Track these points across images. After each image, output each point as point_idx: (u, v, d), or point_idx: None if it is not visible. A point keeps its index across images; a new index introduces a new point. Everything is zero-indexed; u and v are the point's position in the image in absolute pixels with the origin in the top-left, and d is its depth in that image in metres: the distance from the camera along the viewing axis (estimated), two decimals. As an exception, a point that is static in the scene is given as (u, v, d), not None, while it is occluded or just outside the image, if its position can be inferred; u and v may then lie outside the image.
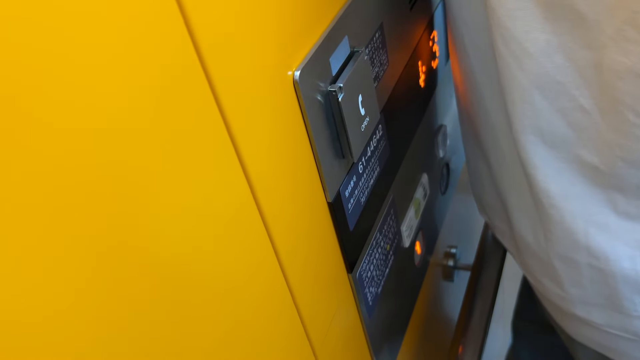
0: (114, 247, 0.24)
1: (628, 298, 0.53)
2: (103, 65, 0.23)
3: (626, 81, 0.41)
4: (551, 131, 0.49)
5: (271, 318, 0.37)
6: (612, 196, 0.49)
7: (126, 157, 0.24)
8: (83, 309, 0.23)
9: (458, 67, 0.60)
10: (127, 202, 0.25)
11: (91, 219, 0.23)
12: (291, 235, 0.38)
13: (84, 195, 0.23)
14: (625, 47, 0.40)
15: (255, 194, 0.34)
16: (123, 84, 0.24)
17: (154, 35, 0.25)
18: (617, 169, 0.47)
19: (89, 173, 0.23)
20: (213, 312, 0.31)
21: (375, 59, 0.48)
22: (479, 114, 0.58)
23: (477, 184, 0.70)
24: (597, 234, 0.51)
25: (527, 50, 0.45)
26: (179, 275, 0.28)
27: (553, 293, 0.59)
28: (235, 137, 0.31)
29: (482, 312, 0.73)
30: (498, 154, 0.58)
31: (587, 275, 0.54)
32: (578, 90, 0.45)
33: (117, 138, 0.24)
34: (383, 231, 0.54)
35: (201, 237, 0.30)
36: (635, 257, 0.50)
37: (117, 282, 0.25)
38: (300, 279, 0.40)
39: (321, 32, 0.39)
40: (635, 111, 0.42)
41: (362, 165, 0.47)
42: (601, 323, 0.57)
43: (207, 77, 0.29)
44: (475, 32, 0.52)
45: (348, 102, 0.41)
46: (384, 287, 0.55)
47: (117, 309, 0.25)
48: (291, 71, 0.36)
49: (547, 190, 0.52)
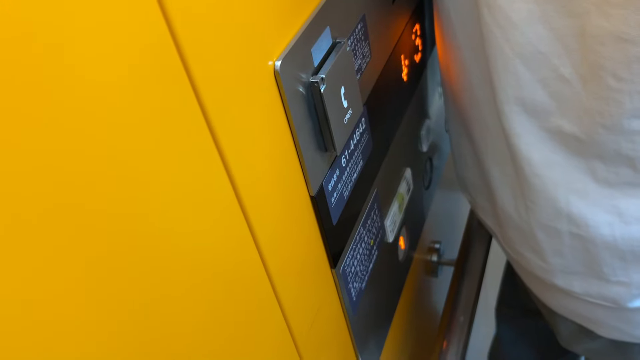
0: (89, 238, 0.23)
1: (608, 263, 0.54)
2: (77, 51, 0.22)
3: (607, 45, 0.42)
4: (533, 101, 0.50)
5: (252, 313, 0.36)
6: (592, 164, 0.50)
7: (101, 146, 0.24)
8: (52, 305, 0.22)
9: (445, 45, 0.60)
10: (102, 192, 0.24)
11: (65, 212, 0.22)
12: (273, 230, 0.37)
13: (58, 188, 0.22)
14: (606, 10, 0.41)
15: (236, 186, 0.33)
16: (96, 74, 0.23)
17: (129, 23, 0.24)
18: (597, 136, 0.48)
19: (64, 163, 0.22)
20: (192, 306, 0.30)
21: (358, 51, 0.47)
22: (464, 88, 0.58)
23: (461, 162, 0.70)
24: (577, 202, 0.52)
25: (512, 20, 0.46)
26: (158, 269, 0.28)
27: (535, 265, 0.60)
28: (214, 128, 0.30)
29: (466, 306, 0.73)
30: (482, 128, 0.59)
31: (568, 243, 0.55)
32: (559, 60, 0.46)
33: (95, 128, 0.23)
34: (367, 226, 0.53)
35: (180, 230, 0.29)
36: (614, 223, 0.52)
37: (92, 275, 0.24)
38: (282, 274, 0.39)
39: (302, 22, 0.38)
40: (616, 75, 0.43)
41: (346, 159, 0.47)
42: (580, 292, 0.58)
43: (184, 66, 0.28)
44: (462, 6, 0.52)
45: (330, 94, 0.40)
46: (368, 283, 0.55)
47: (94, 303, 0.24)
48: (272, 61, 0.35)
49: (529, 158, 0.53)
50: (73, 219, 0.23)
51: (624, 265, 0.53)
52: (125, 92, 0.25)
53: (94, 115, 0.23)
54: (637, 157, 0.47)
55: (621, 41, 0.41)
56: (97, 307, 0.24)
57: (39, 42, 0.21)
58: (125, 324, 0.26)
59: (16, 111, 0.20)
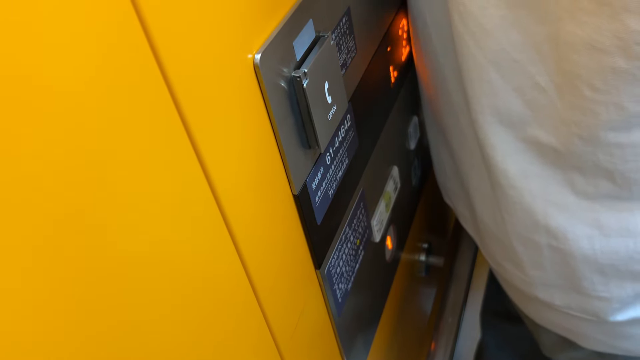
0: (67, 244, 0.22)
1: (587, 278, 0.53)
2: (48, 46, 0.20)
3: (581, 54, 0.40)
4: (508, 110, 0.48)
5: (232, 317, 0.35)
6: (570, 176, 0.49)
7: (74, 146, 0.22)
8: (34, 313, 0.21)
9: (420, 50, 0.58)
10: (78, 196, 0.22)
11: (44, 219, 0.20)
12: (253, 230, 0.36)
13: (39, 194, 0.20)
14: (579, 18, 0.39)
15: (213, 185, 0.31)
16: (61, 66, 0.21)
17: (97, 14, 0.23)
18: (574, 147, 0.46)
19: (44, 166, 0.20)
20: (167, 310, 0.29)
21: (343, 45, 0.46)
22: (441, 96, 0.57)
23: (441, 171, 0.69)
24: (556, 214, 0.51)
25: (484, 27, 0.44)
26: (136, 273, 0.26)
27: (515, 276, 0.59)
28: (189, 124, 0.29)
29: (455, 307, 0.72)
30: (460, 136, 0.57)
31: (547, 256, 0.54)
32: (534, 67, 0.44)
33: (66, 128, 0.21)
34: (353, 225, 0.52)
35: (156, 232, 0.27)
36: (593, 236, 0.50)
37: (68, 282, 0.22)
38: (263, 275, 0.37)
39: (284, 14, 0.37)
40: (591, 85, 0.41)
41: (330, 157, 0.45)
42: (561, 305, 0.57)
43: (156, 58, 0.26)
44: (436, 11, 0.51)
45: (313, 89, 0.39)
46: (354, 284, 0.53)
47: (71, 308, 0.22)
48: (251, 54, 0.33)
49: (505, 170, 0.51)
50: (40, 233, 0.21)
51: (604, 279, 0.52)
52: (92, 87, 0.23)
53: (57, 113, 0.22)
54: (616, 169, 0.46)
55: (595, 50, 0.39)
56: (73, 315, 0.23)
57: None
58: (104, 334, 0.24)
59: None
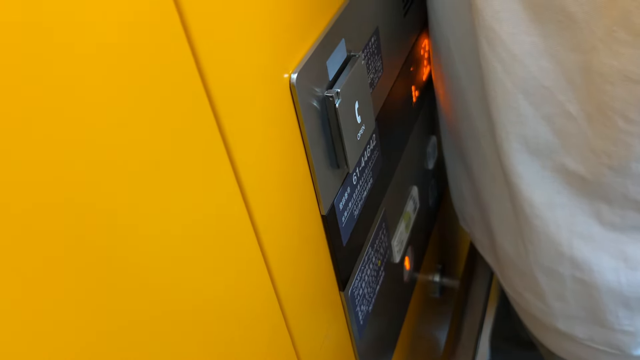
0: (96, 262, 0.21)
1: (612, 311, 0.51)
2: (95, 64, 0.20)
3: (616, 85, 0.40)
4: (536, 138, 0.47)
5: (261, 339, 0.34)
6: (598, 206, 0.48)
7: (113, 161, 0.21)
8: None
9: (441, 74, 0.58)
10: (112, 211, 0.22)
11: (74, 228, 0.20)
12: (285, 251, 0.35)
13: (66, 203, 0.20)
14: (615, 49, 0.38)
15: (249, 205, 0.31)
16: (112, 83, 0.21)
17: (149, 35, 0.22)
18: (603, 178, 0.45)
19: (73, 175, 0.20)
20: (199, 329, 0.28)
21: (371, 64, 0.46)
22: (462, 120, 0.56)
23: (458, 195, 0.68)
24: (581, 245, 0.50)
25: (513, 53, 0.43)
26: (165, 291, 0.25)
27: (535, 307, 0.58)
28: (228, 140, 0.28)
29: (471, 333, 0.70)
30: (480, 162, 0.56)
31: (570, 287, 0.52)
32: (564, 95, 0.43)
33: (108, 141, 0.21)
34: (375, 246, 0.51)
35: (190, 249, 0.27)
36: (619, 268, 0.49)
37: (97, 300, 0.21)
38: (292, 297, 0.37)
39: (318, 34, 0.36)
40: (625, 117, 0.41)
41: (357, 176, 0.45)
42: (583, 337, 0.55)
43: (201, 77, 0.26)
44: (461, 35, 0.50)
45: (345, 109, 0.38)
46: (375, 305, 0.53)
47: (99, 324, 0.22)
48: (288, 74, 0.33)
49: (530, 199, 0.50)
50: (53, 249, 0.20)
51: (629, 313, 0.51)
52: (138, 110, 0.23)
53: (97, 119, 0.21)
54: None
55: (630, 82, 0.39)
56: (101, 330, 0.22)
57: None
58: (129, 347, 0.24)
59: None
